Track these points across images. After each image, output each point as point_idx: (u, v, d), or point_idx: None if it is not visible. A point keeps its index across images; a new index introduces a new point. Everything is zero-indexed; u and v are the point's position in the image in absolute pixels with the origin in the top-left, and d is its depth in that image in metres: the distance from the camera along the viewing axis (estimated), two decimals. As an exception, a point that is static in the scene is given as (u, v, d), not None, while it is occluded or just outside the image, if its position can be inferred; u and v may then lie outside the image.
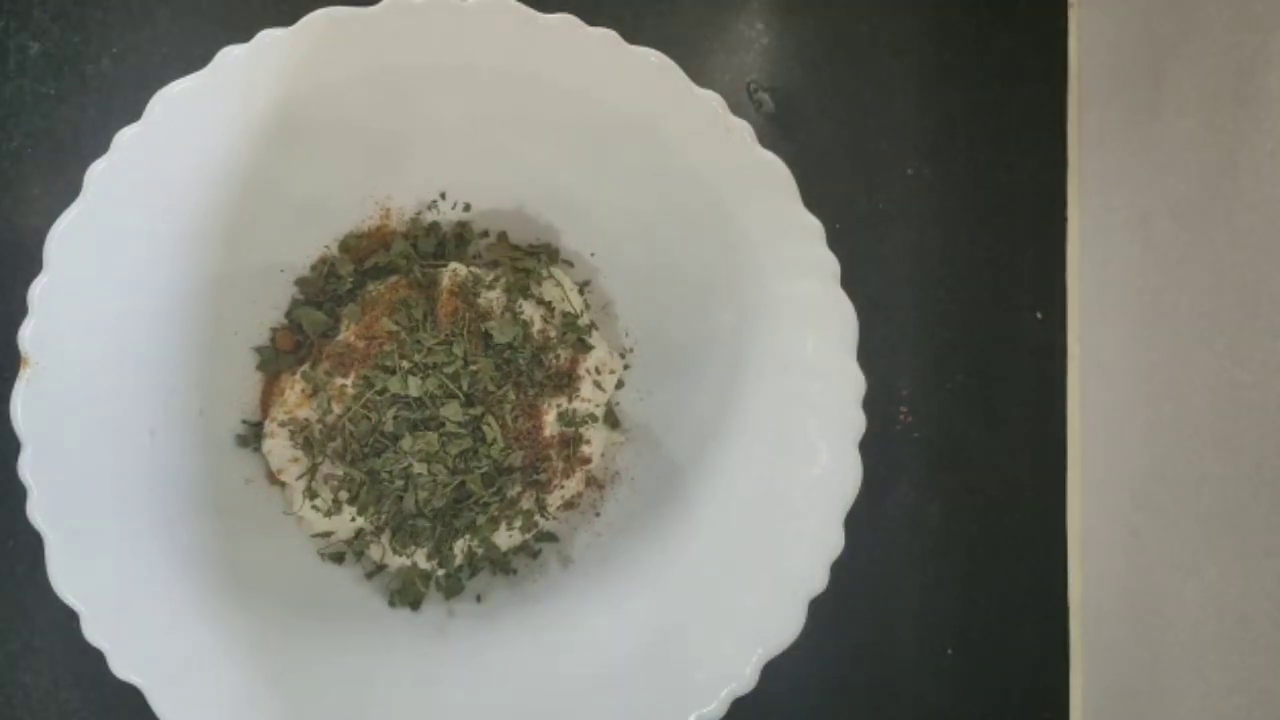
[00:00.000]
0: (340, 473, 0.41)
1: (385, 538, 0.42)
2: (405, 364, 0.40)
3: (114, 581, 0.37)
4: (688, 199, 0.42)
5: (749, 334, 0.42)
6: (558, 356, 0.43)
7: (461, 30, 0.38)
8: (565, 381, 0.43)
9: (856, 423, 0.40)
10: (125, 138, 0.36)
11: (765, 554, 0.41)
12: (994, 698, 0.49)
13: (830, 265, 0.40)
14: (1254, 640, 0.38)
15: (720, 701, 0.39)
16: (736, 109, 0.39)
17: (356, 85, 0.40)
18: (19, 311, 0.36)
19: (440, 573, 0.43)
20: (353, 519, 0.42)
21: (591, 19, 0.38)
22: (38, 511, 0.36)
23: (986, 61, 0.50)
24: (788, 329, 0.41)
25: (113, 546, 0.38)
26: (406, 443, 0.40)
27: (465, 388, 0.41)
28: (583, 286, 0.45)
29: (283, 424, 0.42)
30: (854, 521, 0.40)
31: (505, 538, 0.43)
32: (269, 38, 0.37)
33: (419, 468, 0.40)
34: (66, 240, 0.36)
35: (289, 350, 0.43)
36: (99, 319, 0.38)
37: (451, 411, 0.40)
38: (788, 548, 0.41)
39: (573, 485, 0.44)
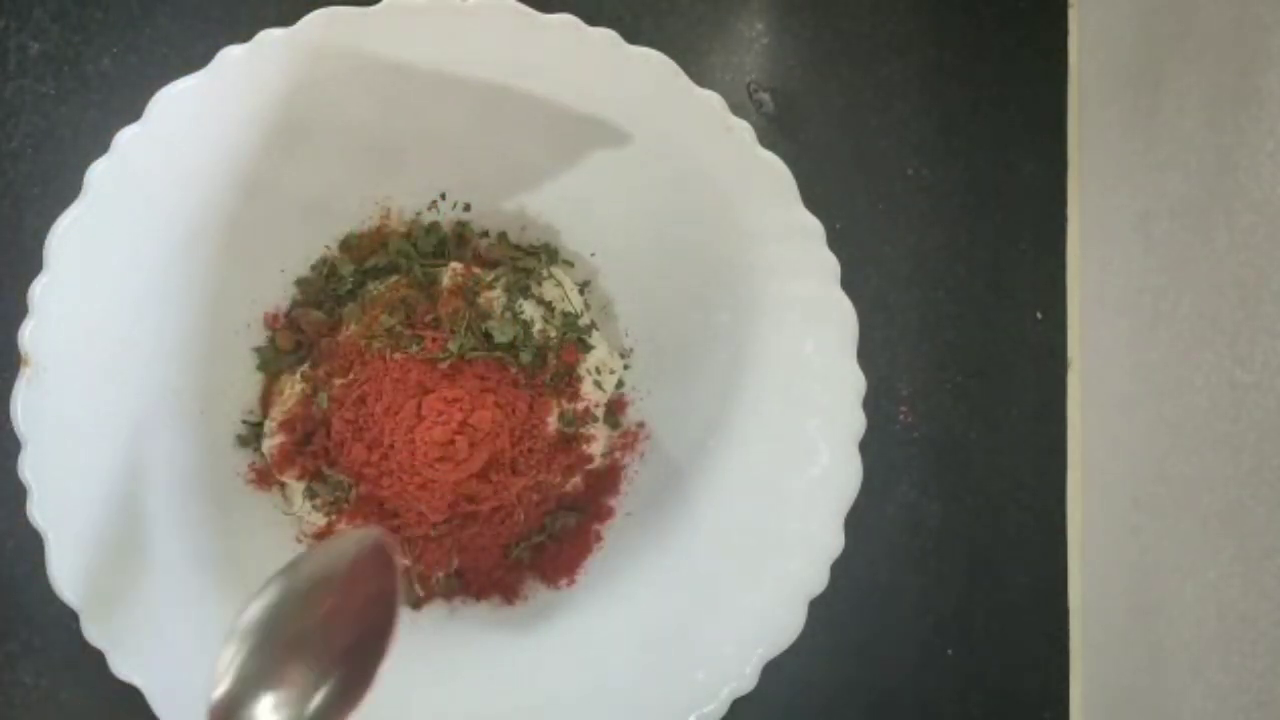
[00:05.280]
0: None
1: (385, 538, 0.42)
2: (405, 364, 0.40)
3: (114, 582, 0.37)
4: (688, 199, 0.42)
5: (749, 334, 0.42)
6: (558, 356, 0.43)
7: (461, 30, 0.38)
8: (565, 381, 0.43)
9: (856, 423, 0.40)
10: (125, 138, 0.36)
11: (765, 554, 0.41)
12: (994, 698, 0.49)
13: (830, 265, 0.40)
14: (1254, 640, 0.38)
15: (720, 701, 0.39)
16: (736, 109, 0.39)
17: (357, 85, 0.40)
18: (19, 311, 0.36)
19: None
20: (353, 519, 0.42)
21: (591, 19, 0.38)
22: (38, 511, 0.36)
23: (986, 61, 0.50)
24: (788, 329, 0.41)
25: (113, 546, 0.38)
26: (406, 443, 0.40)
27: (465, 388, 0.41)
28: (583, 286, 0.45)
29: (283, 424, 0.42)
30: (854, 521, 0.40)
31: (505, 538, 0.43)
32: (269, 38, 0.37)
33: (419, 468, 0.40)
34: (66, 240, 0.36)
35: (289, 350, 0.43)
36: (99, 319, 0.38)
37: (452, 411, 0.40)
38: (788, 548, 0.40)
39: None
